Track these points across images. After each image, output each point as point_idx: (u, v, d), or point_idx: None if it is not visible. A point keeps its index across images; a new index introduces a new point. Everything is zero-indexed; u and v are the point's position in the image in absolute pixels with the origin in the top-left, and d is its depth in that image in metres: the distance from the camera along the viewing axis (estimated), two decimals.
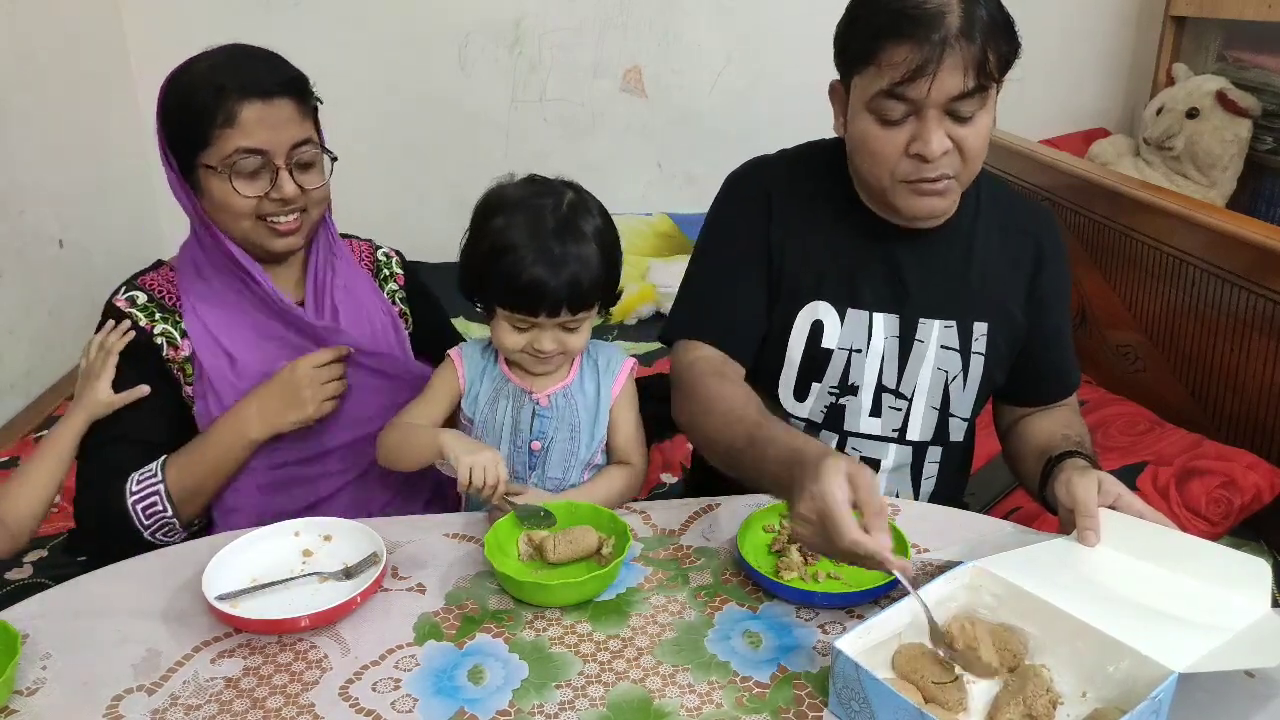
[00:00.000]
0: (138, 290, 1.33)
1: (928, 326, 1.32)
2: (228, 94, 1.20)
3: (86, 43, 2.71)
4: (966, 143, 1.18)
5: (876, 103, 1.18)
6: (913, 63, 1.12)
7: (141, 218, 2.93)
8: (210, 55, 1.25)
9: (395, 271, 1.47)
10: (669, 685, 0.97)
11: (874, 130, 1.20)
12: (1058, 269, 1.37)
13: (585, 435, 1.27)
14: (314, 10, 2.94)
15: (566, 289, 1.16)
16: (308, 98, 1.27)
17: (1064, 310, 1.41)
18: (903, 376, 1.33)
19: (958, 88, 1.14)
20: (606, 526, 1.17)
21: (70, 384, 2.43)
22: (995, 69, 1.16)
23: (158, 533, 1.25)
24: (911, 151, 1.18)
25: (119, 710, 0.95)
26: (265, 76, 1.23)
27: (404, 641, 1.04)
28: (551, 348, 1.21)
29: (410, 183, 3.11)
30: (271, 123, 1.22)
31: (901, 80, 1.14)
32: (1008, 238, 1.34)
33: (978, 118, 1.18)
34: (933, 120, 1.16)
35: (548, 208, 1.18)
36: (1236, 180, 2.69)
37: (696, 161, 3.15)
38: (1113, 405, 1.97)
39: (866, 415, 1.34)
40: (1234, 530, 1.64)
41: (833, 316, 1.31)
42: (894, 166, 1.20)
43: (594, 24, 3.05)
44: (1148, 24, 3.10)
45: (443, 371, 1.30)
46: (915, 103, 1.15)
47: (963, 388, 1.34)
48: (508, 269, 1.16)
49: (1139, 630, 0.91)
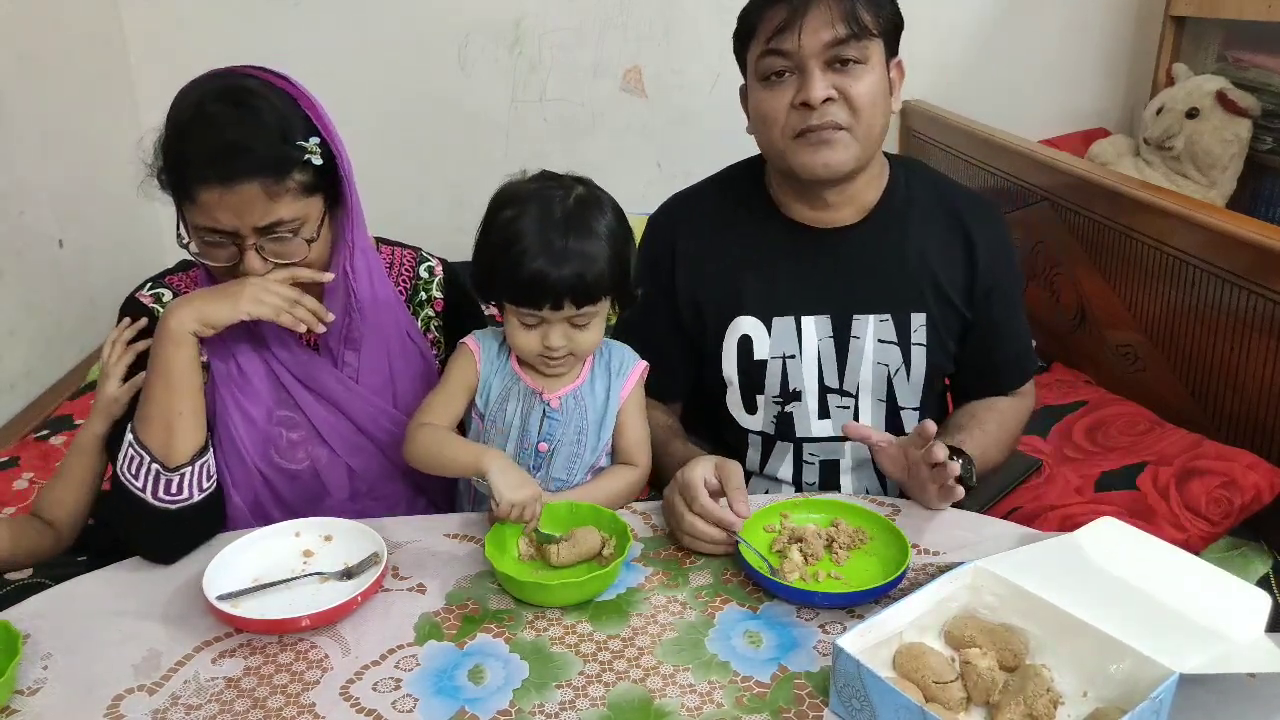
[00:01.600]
0: (164, 288, 1.30)
1: (862, 322, 1.34)
2: (186, 172, 1.11)
3: (86, 43, 2.71)
4: (850, 91, 1.24)
5: (760, 66, 1.27)
6: (782, 17, 1.23)
7: (141, 218, 2.93)
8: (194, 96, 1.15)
9: (435, 296, 1.39)
10: (669, 685, 0.97)
11: (763, 94, 1.28)
12: (999, 259, 1.37)
13: (592, 438, 1.27)
14: (314, 10, 2.94)
15: (570, 281, 1.14)
16: (287, 172, 1.13)
17: (1011, 302, 1.41)
18: (844, 375, 1.35)
19: (830, 35, 1.22)
20: (607, 527, 1.17)
21: (70, 384, 2.45)
22: (871, 24, 1.23)
23: (158, 490, 1.16)
24: (797, 102, 1.24)
25: (119, 710, 0.95)
26: (225, 156, 1.10)
27: (404, 641, 1.04)
28: (560, 344, 1.19)
29: (410, 183, 3.10)
30: (232, 206, 1.12)
31: (775, 34, 1.23)
32: (943, 229, 1.35)
33: (860, 71, 1.24)
34: (814, 71, 1.23)
35: (555, 200, 1.17)
36: (1236, 180, 2.69)
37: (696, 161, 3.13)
38: (1113, 405, 1.97)
39: (816, 419, 1.37)
40: (1234, 530, 1.64)
41: (759, 328, 1.35)
42: (784, 122, 1.27)
43: (594, 24, 3.04)
44: (1148, 24, 3.09)
45: (460, 360, 1.27)
46: (791, 55, 1.23)
47: (907, 379, 1.36)
48: (512, 261, 1.15)
49: (1140, 630, 0.91)
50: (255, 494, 1.29)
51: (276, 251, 1.18)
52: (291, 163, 1.14)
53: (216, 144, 1.11)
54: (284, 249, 1.18)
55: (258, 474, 1.28)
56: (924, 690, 0.91)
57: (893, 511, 1.25)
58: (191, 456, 1.18)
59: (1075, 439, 1.90)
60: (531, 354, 1.21)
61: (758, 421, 1.39)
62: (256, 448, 1.27)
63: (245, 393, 1.27)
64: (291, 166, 1.14)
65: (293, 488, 1.30)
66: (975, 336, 1.38)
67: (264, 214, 1.13)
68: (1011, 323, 1.40)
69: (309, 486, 1.31)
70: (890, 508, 1.26)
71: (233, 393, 1.26)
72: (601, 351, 1.29)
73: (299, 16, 2.93)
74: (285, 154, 1.14)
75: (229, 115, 1.13)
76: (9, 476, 1.99)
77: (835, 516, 1.19)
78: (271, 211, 1.14)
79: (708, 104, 3.10)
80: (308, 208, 1.18)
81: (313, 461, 1.30)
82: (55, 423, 2.21)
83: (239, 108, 1.14)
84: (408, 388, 1.34)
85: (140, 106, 2.92)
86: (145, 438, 1.17)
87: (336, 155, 1.20)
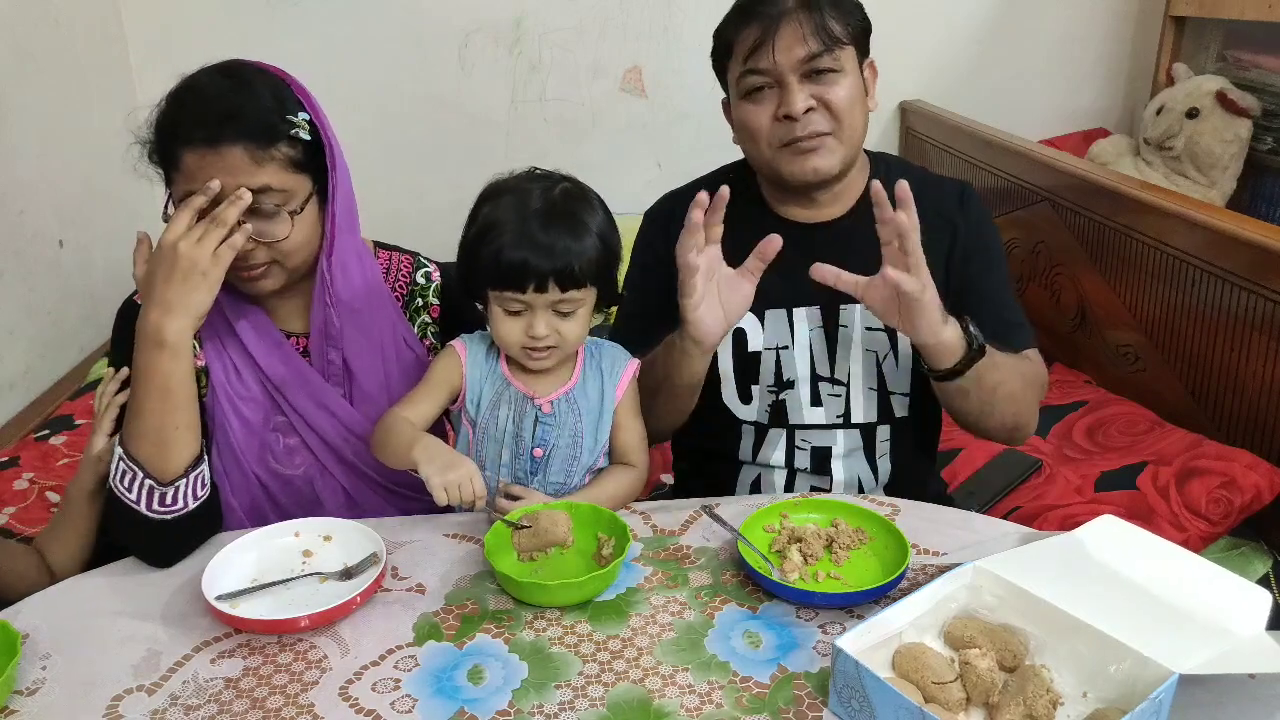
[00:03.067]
0: None
1: (849, 312, 1.38)
2: (173, 135, 1.13)
3: (86, 43, 2.71)
4: (829, 98, 1.29)
5: (742, 84, 1.33)
6: (755, 36, 1.28)
7: (142, 217, 2.93)
8: (190, 81, 1.17)
9: (431, 302, 1.38)
10: (669, 685, 0.97)
11: (747, 109, 1.33)
12: (974, 228, 1.39)
13: (589, 440, 1.26)
14: (314, 10, 2.94)
15: (554, 262, 1.14)
16: (272, 140, 1.14)
17: (991, 270, 1.41)
18: (835, 364, 1.39)
19: (803, 51, 1.27)
20: (607, 527, 1.17)
21: (70, 384, 2.45)
22: (842, 33, 1.28)
23: (151, 503, 1.14)
24: (779, 115, 1.30)
25: (119, 710, 0.95)
26: (213, 120, 1.11)
27: (404, 642, 1.04)
28: (544, 333, 1.17)
29: (410, 183, 3.10)
30: (217, 170, 1.11)
31: (751, 53, 1.29)
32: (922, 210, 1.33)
33: (837, 79, 1.29)
34: (793, 85, 1.28)
35: (539, 189, 1.18)
36: (1236, 180, 2.69)
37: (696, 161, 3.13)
38: (1113, 405, 1.97)
39: (808, 406, 1.40)
40: (1234, 530, 1.64)
41: (752, 321, 1.39)
42: (769, 134, 1.32)
43: (594, 24, 3.04)
44: (1148, 24, 3.09)
45: (445, 361, 1.26)
46: (769, 73, 1.29)
47: (895, 365, 1.38)
48: (494, 244, 1.14)
49: (1140, 629, 0.91)
50: (253, 499, 1.29)
51: (260, 230, 1.15)
52: (279, 133, 1.15)
53: (205, 109, 1.12)
54: (267, 226, 1.15)
55: (255, 479, 1.28)
56: (923, 691, 0.90)
57: (893, 512, 1.25)
58: (186, 468, 1.16)
59: (1075, 439, 1.90)
60: (515, 345, 1.19)
61: (752, 411, 1.41)
62: (253, 453, 1.27)
63: (242, 398, 1.26)
64: (279, 137, 1.14)
65: (290, 493, 1.30)
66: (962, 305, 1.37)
67: (249, 178, 1.12)
68: (998, 291, 1.40)
69: (306, 491, 1.31)
70: (890, 508, 1.26)
71: (230, 398, 1.26)
72: (593, 352, 1.28)
73: (299, 16, 2.93)
74: (273, 123, 1.14)
75: (220, 84, 1.16)
76: (9, 476, 1.98)
77: (835, 516, 1.19)
78: (255, 177, 1.13)
79: (708, 104, 3.08)
80: (294, 183, 1.17)
81: (309, 467, 1.30)
82: (55, 423, 2.21)
83: (230, 78, 1.17)
84: (404, 393, 1.32)
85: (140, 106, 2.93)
86: (137, 452, 1.14)
87: (327, 145, 1.20)
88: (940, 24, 3.10)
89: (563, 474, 1.26)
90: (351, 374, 1.30)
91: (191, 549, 1.18)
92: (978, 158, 2.63)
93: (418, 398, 1.24)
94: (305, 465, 1.29)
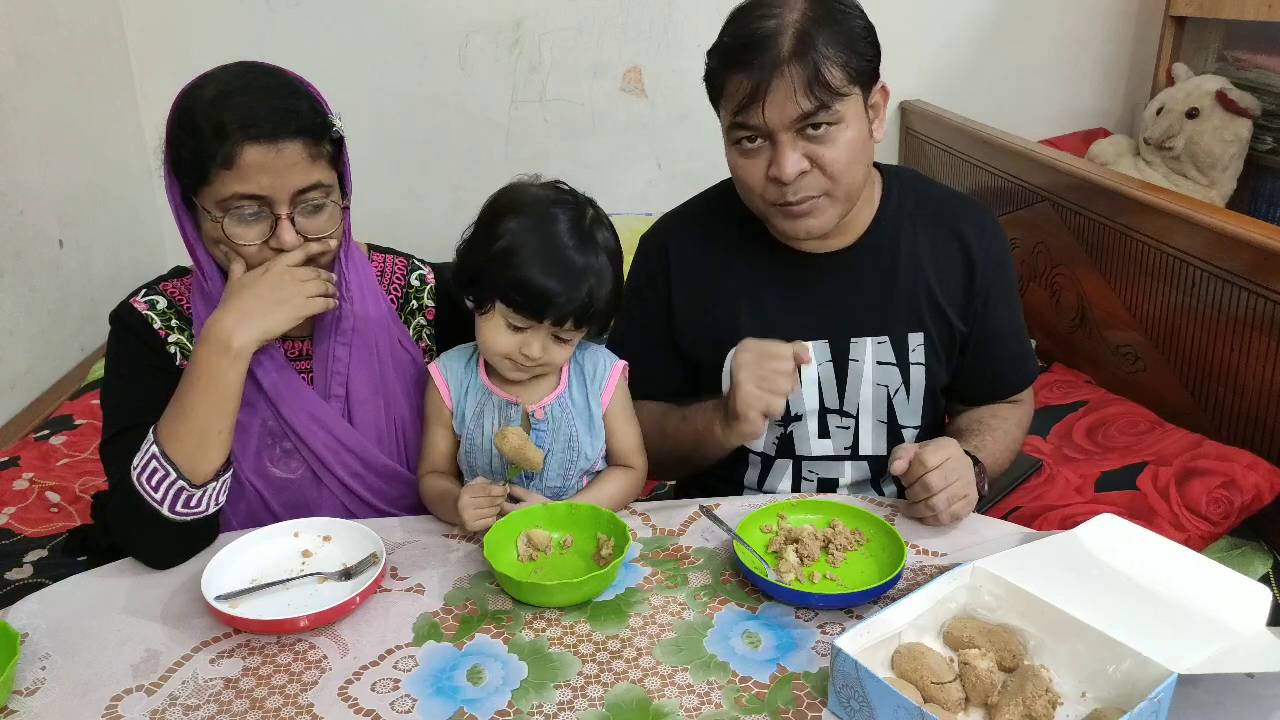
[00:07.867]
0: (159, 295, 1.27)
1: (860, 345, 1.32)
2: (228, 133, 1.09)
3: (86, 43, 2.71)
4: (824, 159, 1.18)
5: (732, 134, 1.22)
6: (745, 91, 1.15)
7: (141, 218, 2.93)
8: (222, 78, 1.15)
9: (426, 305, 1.37)
10: (668, 685, 0.97)
11: (738, 160, 1.23)
12: (995, 267, 1.35)
13: (584, 443, 1.25)
14: (314, 10, 2.94)
15: (580, 300, 1.15)
16: (322, 137, 1.16)
17: (1008, 308, 1.39)
18: (844, 397, 1.34)
19: (795, 111, 1.14)
20: (606, 527, 1.17)
21: (70, 384, 2.45)
22: (841, 81, 1.15)
23: (176, 504, 1.14)
24: (770, 176, 1.19)
25: (118, 710, 0.95)
26: (272, 116, 1.11)
27: (403, 642, 1.04)
28: (538, 355, 1.18)
29: (410, 183, 3.11)
30: (275, 168, 1.11)
31: (739, 109, 1.17)
32: (937, 240, 1.33)
33: (834, 134, 1.17)
34: (785, 143, 1.17)
35: (569, 216, 1.17)
36: (1236, 180, 2.69)
37: (696, 161, 3.15)
38: (1113, 405, 1.97)
39: (816, 438, 1.36)
40: (1234, 530, 1.63)
41: None
42: (761, 191, 1.22)
43: (594, 24, 3.05)
44: (1148, 24, 3.09)
45: (429, 392, 1.28)
46: (760, 129, 1.17)
47: (906, 400, 1.35)
48: (518, 268, 1.14)
49: (1139, 631, 0.91)
50: (249, 505, 1.28)
51: (306, 227, 1.17)
52: (325, 129, 1.17)
53: (262, 105, 1.12)
54: (314, 221, 1.17)
55: (249, 485, 1.27)
56: (922, 691, 0.90)
57: (890, 512, 1.25)
58: (217, 472, 1.17)
59: (1075, 439, 1.90)
60: (502, 355, 1.19)
61: (759, 444, 1.38)
62: (249, 461, 1.26)
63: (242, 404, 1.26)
64: (325, 133, 1.17)
65: (286, 498, 1.29)
66: (974, 347, 1.37)
67: (304, 176, 1.14)
68: (1011, 325, 1.39)
69: (303, 496, 1.30)
70: (888, 509, 1.26)
71: None
72: (576, 358, 1.28)
73: (299, 16, 2.94)
74: (322, 119, 1.17)
75: (270, 81, 1.16)
76: (9, 476, 1.99)
77: (832, 517, 1.19)
78: (310, 174, 1.14)
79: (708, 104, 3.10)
80: (332, 180, 1.19)
81: (305, 470, 1.29)
82: (55, 423, 2.22)
83: (272, 75, 1.17)
84: (401, 395, 1.33)
85: (140, 107, 2.93)
86: (173, 452, 1.14)
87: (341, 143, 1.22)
88: (940, 24, 3.10)
89: (560, 478, 1.26)
90: (349, 375, 1.29)
91: (193, 554, 1.19)
92: (978, 158, 2.62)
93: (429, 440, 1.29)
94: (302, 469, 1.29)
